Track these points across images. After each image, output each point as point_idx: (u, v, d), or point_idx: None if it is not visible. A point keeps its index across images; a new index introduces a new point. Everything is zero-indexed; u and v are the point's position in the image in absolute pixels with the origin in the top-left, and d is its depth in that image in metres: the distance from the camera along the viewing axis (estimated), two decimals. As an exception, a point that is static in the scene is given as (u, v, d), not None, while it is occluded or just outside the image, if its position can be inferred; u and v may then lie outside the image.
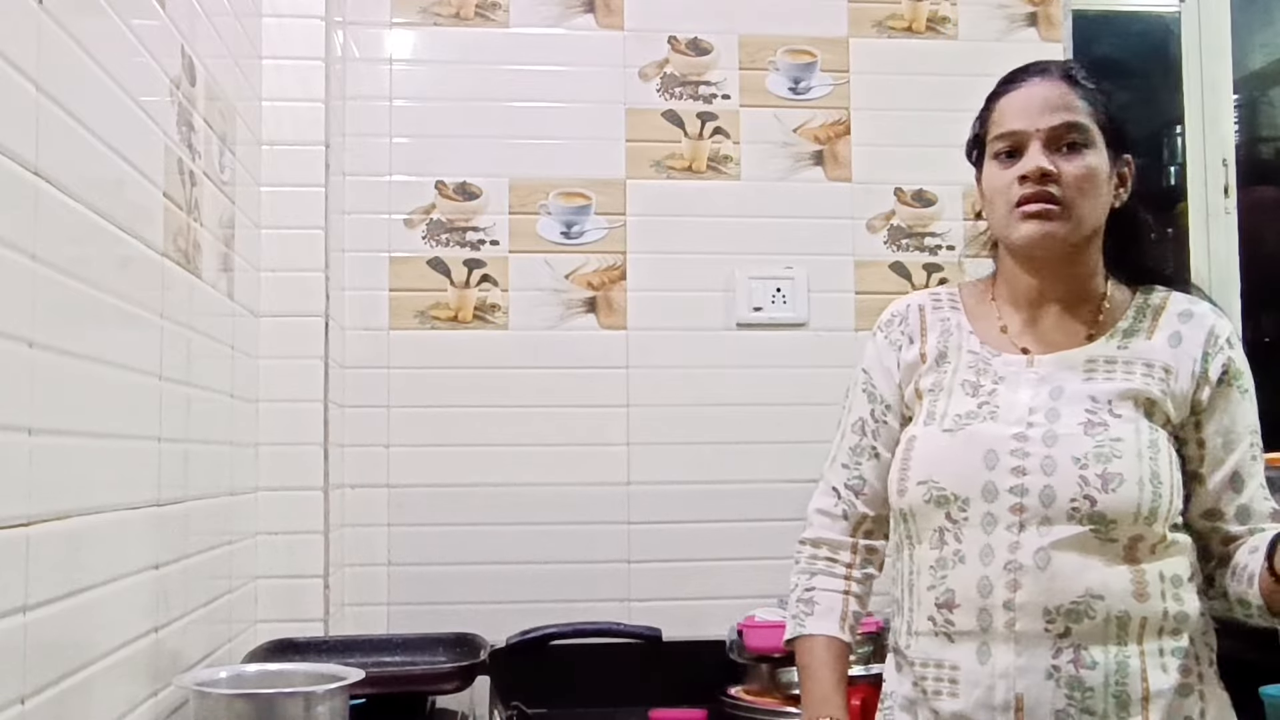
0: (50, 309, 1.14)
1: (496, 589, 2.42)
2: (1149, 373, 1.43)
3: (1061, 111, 1.42)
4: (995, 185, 1.46)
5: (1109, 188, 1.46)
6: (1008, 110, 1.46)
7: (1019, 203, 1.42)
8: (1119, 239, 1.50)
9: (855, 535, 1.56)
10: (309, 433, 2.16)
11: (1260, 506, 1.42)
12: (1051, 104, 1.43)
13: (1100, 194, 1.44)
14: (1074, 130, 1.42)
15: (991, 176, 1.47)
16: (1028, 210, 1.42)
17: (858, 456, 1.56)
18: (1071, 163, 1.41)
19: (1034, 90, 1.45)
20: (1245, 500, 1.42)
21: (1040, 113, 1.43)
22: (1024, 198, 1.42)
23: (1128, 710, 1.34)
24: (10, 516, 1.05)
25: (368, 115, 2.50)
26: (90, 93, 1.27)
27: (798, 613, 1.54)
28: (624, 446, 2.51)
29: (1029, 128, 1.43)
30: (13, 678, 1.05)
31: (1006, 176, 1.44)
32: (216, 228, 1.85)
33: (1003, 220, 1.46)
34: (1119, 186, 1.48)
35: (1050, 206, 1.41)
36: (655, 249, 2.56)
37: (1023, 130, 1.43)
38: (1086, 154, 1.42)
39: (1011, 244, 1.47)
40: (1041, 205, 1.41)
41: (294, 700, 1.42)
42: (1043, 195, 1.41)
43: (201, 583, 1.74)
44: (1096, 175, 1.43)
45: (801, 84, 2.61)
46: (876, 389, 1.56)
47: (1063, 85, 1.44)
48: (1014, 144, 1.44)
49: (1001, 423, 1.42)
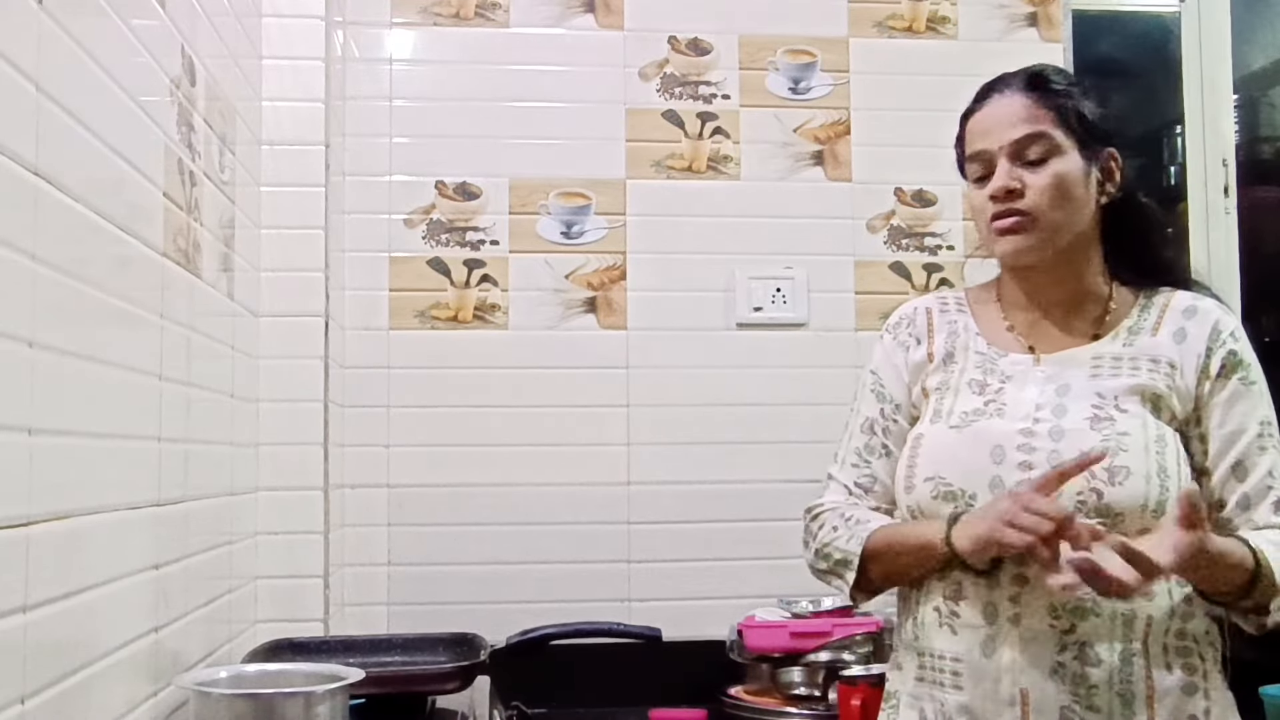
0: (50, 309, 1.13)
1: (496, 589, 2.42)
2: (1155, 368, 1.43)
3: (1021, 125, 1.45)
4: (974, 205, 1.51)
5: (1088, 188, 1.47)
6: (974, 131, 1.50)
7: (992, 218, 1.46)
8: (1120, 234, 1.51)
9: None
10: (309, 433, 2.16)
11: (1262, 494, 1.41)
12: (1010, 119, 1.46)
13: (1075, 198, 1.45)
14: (1036, 141, 1.45)
15: (971, 197, 1.52)
16: (999, 227, 1.46)
17: (868, 455, 1.56)
18: (1037, 175, 1.44)
19: (994, 108, 1.48)
20: (1248, 489, 1.41)
21: (1001, 129, 1.46)
22: (994, 214, 1.46)
23: (1132, 708, 1.35)
24: (10, 516, 1.05)
25: (368, 115, 2.50)
26: (90, 93, 1.27)
27: (855, 533, 1.48)
28: (624, 446, 2.51)
29: (992, 146, 1.46)
30: (13, 678, 1.05)
31: (981, 196, 1.48)
32: (216, 228, 1.85)
33: (985, 237, 1.51)
34: (1103, 182, 1.48)
35: (1020, 219, 1.44)
36: (655, 249, 2.56)
37: (987, 149, 1.47)
38: (1052, 162, 1.44)
39: (997, 259, 1.51)
40: (1011, 220, 1.44)
41: (294, 700, 1.42)
42: (1010, 212, 1.44)
43: (201, 583, 1.74)
44: (1065, 182, 1.44)
45: (801, 84, 2.61)
46: (886, 389, 1.57)
47: (1022, 98, 1.47)
48: (984, 164, 1.48)
49: (1008, 419, 1.43)
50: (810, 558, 1.56)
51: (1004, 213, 1.45)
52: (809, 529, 1.56)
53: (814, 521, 1.56)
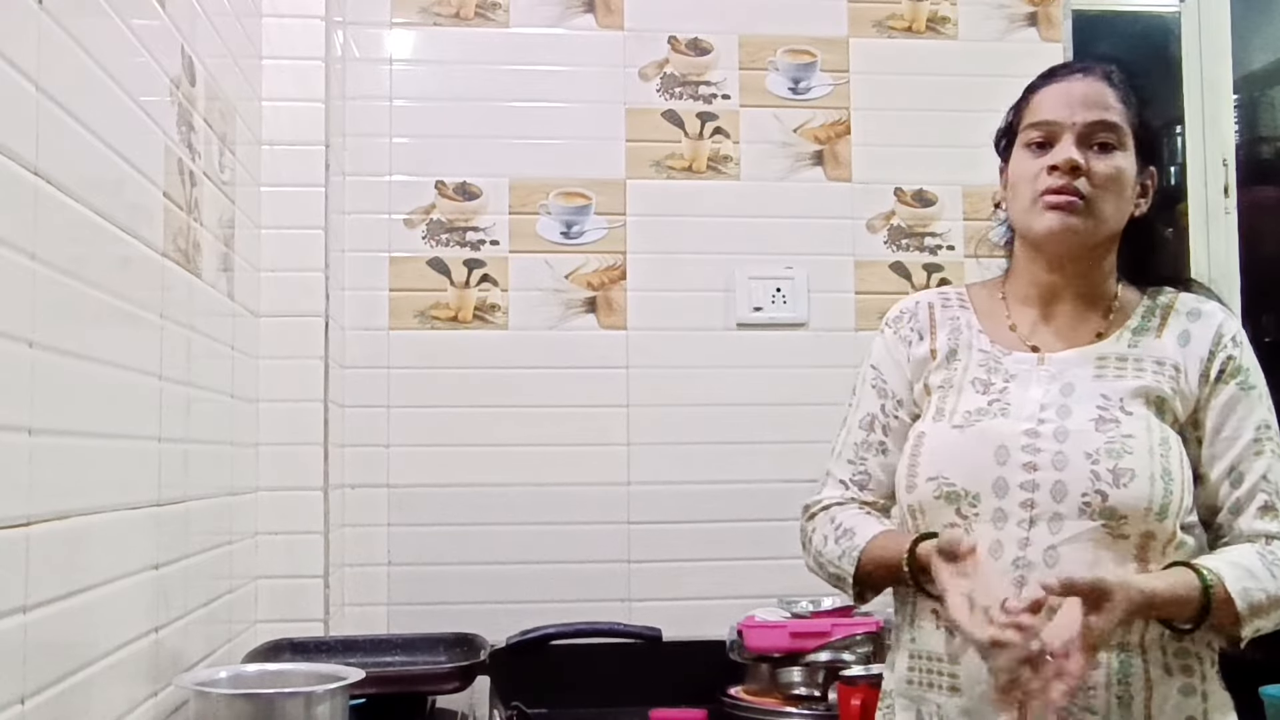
0: (50, 309, 1.13)
1: (496, 589, 2.42)
2: (1159, 371, 1.43)
3: (1098, 109, 1.43)
4: (1023, 173, 1.46)
5: (1133, 193, 1.46)
6: (1045, 101, 1.46)
7: (1044, 192, 1.42)
8: (1136, 248, 1.50)
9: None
10: (309, 433, 2.16)
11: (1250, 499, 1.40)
12: (1090, 100, 1.43)
13: (1125, 196, 1.45)
14: (1108, 129, 1.43)
15: (1020, 164, 1.47)
16: (1051, 201, 1.42)
17: (864, 452, 1.55)
18: (1102, 161, 1.42)
19: (1074, 85, 1.45)
20: (1240, 494, 1.41)
21: (1078, 107, 1.43)
22: (1050, 188, 1.42)
23: (1130, 710, 1.34)
24: (10, 516, 1.05)
25: (368, 115, 2.50)
26: (90, 93, 1.27)
27: (845, 549, 1.48)
28: (624, 446, 2.51)
29: (1065, 120, 1.43)
30: (13, 678, 1.05)
31: (1035, 165, 1.44)
32: (216, 228, 1.85)
33: (1025, 209, 1.46)
34: (1140, 196, 1.48)
35: (1075, 200, 1.41)
36: (655, 249, 2.56)
37: (1058, 121, 1.44)
38: (1117, 155, 1.43)
39: (1032, 234, 1.46)
40: (1066, 198, 1.41)
41: (294, 700, 1.42)
42: (1069, 188, 1.41)
43: (201, 583, 1.74)
44: (1124, 177, 1.43)
45: (801, 84, 2.61)
46: (887, 384, 1.56)
47: (1102, 85, 1.45)
48: (1047, 134, 1.44)
49: (1013, 419, 1.42)
50: (809, 562, 1.56)
51: (1061, 188, 1.41)
52: (804, 530, 1.57)
53: (809, 523, 1.56)
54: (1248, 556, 1.36)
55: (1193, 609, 1.32)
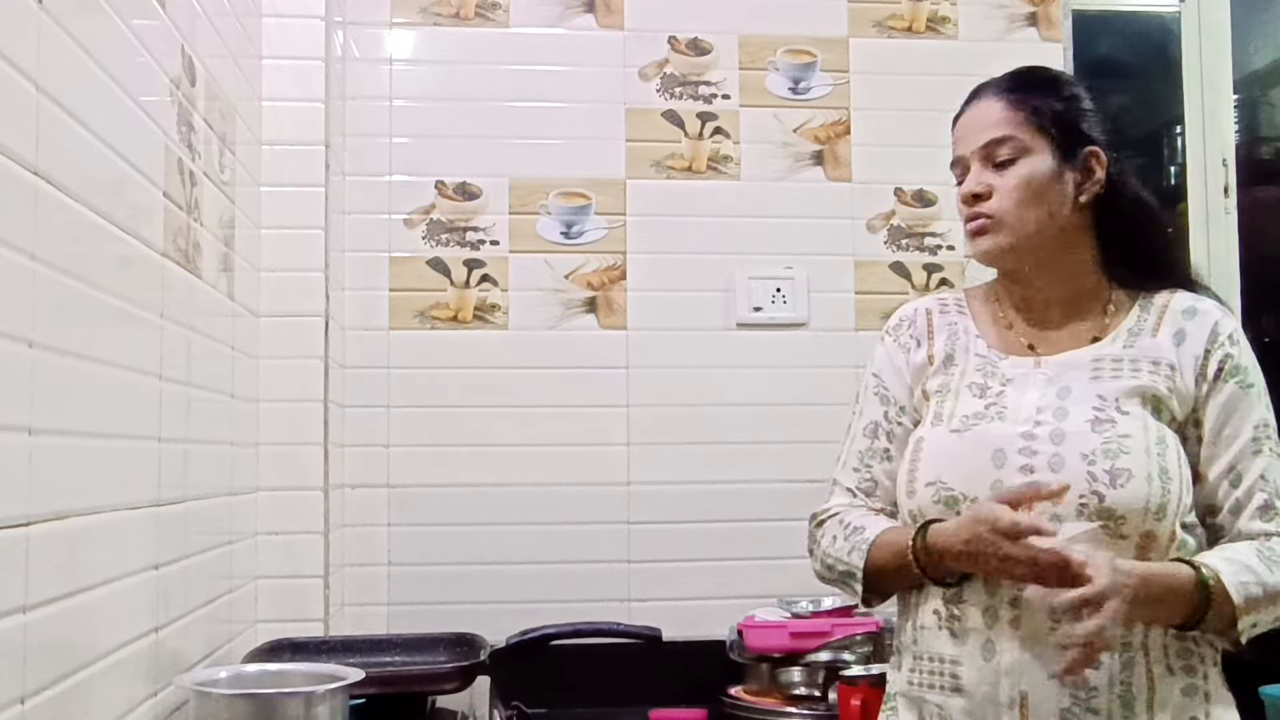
0: (50, 309, 1.14)
1: (496, 589, 2.42)
2: (1155, 370, 1.43)
3: (988, 129, 1.49)
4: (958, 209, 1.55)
5: (1062, 188, 1.47)
6: (954, 137, 1.55)
7: (965, 221, 1.51)
8: (1110, 230, 1.50)
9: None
10: (309, 433, 2.16)
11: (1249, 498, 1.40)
12: (979, 124, 1.50)
13: (1046, 198, 1.46)
14: (1002, 144, 1.48)
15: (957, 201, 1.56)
16: (969, 229, 1.51)
17: (869, 460, 1.56)
18: (1003, 176, 1.48)
19: (968, 115, 1.54)
20: (1240, 494, 1.41)
21: (970, 135, 1.51)
22: (966, 218, 1.51)
23: (1132, 710, 1.34)
24: (10, 516, 1.05)
25: (368, 115, 2.50)
26: (90, 93, 1.27)
27: (855, 544, 1.49)
28: (624, 446, 2.51)
29: (966, 152, 1.52)
30: (13, 678, 1.05)
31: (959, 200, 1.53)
32: (216, 228, 1.85)
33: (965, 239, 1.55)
34: (1083, 181, 1.48)
35: (985, 221, 1.48)
36: (655, 249, 2.56)
37: (961, 155, 1.53)
38: (1020, 164, 1.47)
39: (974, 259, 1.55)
40: (978, 223, 1.49)
41: (294, 700, 1.42)
42: (976, 214, 1.49)
43: (201, 583, 1.74)
44: (1033, 182, 1.46)
45: (801, 84, 2.61)
46: (889, 391, 1.57)
47: (997, 102, 1.50)
48: (961, 169, 1.53)
49: (1009, 422, 1.43)
50: (817, 567, 1.56)
51: (971, 215, 1.49)
52: (813, 536, 1.57)
53: (818, 529, 1.56)
54: (1244, 553, 1.37)
55: (1189, 601, 1.32)
